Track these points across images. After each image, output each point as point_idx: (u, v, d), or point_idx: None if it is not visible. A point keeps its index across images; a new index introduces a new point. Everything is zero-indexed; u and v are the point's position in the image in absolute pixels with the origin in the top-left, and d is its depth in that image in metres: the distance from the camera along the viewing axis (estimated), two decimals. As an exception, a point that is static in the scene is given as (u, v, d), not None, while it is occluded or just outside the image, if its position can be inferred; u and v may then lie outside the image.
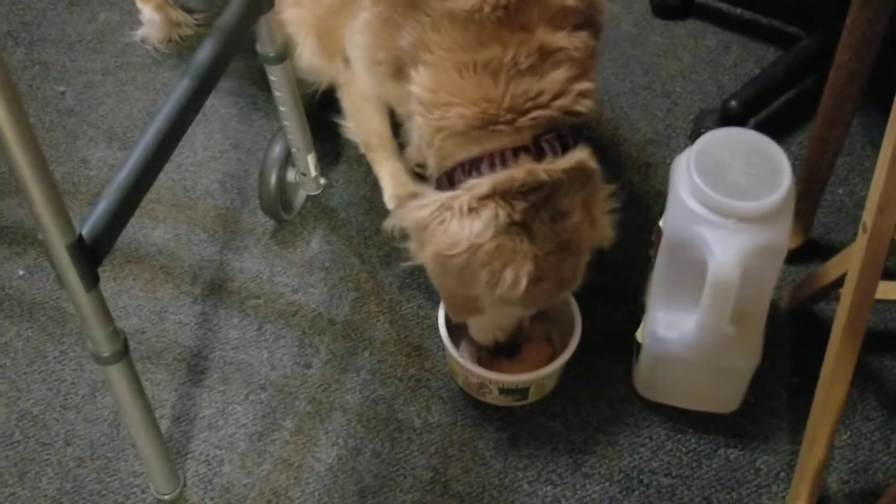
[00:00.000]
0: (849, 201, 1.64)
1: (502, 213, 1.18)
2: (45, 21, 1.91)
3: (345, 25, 1.35)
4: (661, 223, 1.34)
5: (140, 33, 1.87)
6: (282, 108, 1.49)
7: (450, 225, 1.19)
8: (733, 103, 1.67)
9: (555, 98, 1.18)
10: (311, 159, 1.58)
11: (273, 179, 1.56)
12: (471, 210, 1.18)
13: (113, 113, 1.78)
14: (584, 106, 1.21)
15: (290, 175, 1.61)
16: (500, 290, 1.21)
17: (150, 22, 1.86)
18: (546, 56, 1.17)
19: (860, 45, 1.30)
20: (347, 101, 1.53)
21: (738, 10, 1.89)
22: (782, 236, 1.24)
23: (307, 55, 1.48)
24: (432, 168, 1.28)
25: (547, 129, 1.20)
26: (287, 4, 1.44)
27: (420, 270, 1.56)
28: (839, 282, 1.33)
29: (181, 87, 1.19)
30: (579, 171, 1.21)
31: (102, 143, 1.74)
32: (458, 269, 1.21)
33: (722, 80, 1.81)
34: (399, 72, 1.25)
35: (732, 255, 1.20)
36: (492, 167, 1.19)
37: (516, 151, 1.19)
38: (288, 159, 1.59)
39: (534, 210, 1.19)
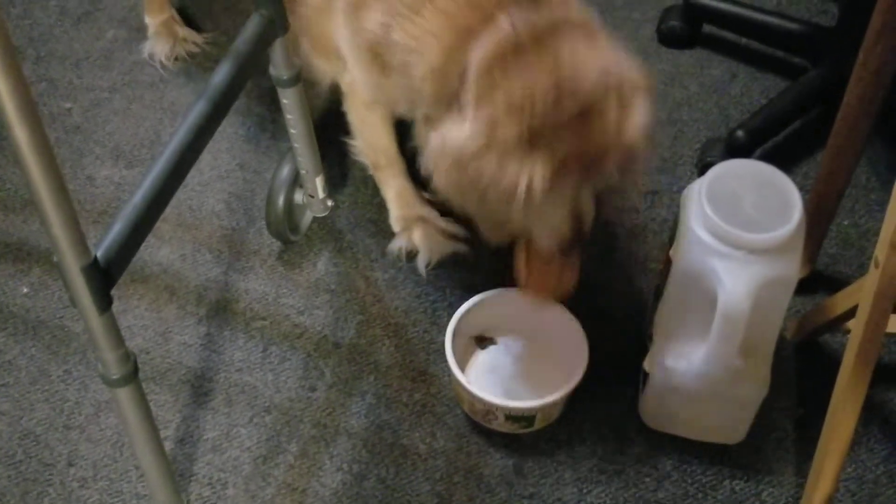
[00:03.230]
0: (854, 233, 1.64)
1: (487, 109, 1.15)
2: (52, 37, 1.91)
3: (331, 27, 1.38)
4: (670, 252, 1.34)
5: (147, 48, 1.87)
6: (292, 131, 1.49)
7: (448, 131, 1.18)
8: (740, 133, 1.68)
9: None
10: (319, 181, 1.58)
11: (281, 201, 1.56)
12: (460, 114, 1.17)
13: (119, 131, 1.78)
14: None
15: (298, 197, 1.61)
16: (521, 202, 1.15)
17: (157, 37, 1.87)
18: None
19: (873, 79, 1.31)
20: (353, 113, 1.55)
21: (744, 41, 1.91)
22: (792, 268, 1.24)
23: (304, 55, 1.49)
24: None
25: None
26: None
27: (426, 294, 1.57)
28: (847, 315, 1.34)
29: (196, 110, 1.19)
30: (558, 23, 1.18)
31: (109, 161, 1.74)
32: (469, 185, 1.18)
33: (727, 109, 1.82)
34: (377, 57, 1.28)
35: (743, 286, 1.20)
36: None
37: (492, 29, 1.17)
38: (296, 181, 1.59)
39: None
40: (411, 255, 1.59)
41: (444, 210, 1.54)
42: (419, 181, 1.53)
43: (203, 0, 1.97)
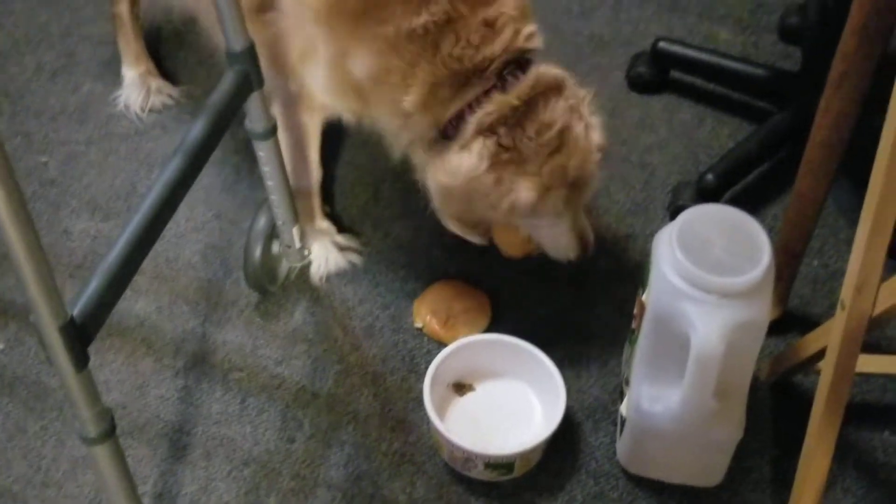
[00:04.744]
0: (824, 273, 1.67)
1: (489, 143, 1.36)
2: (28, 92, 1.92)
3: (307, 68, 1.45)
4: (643, 297, 1.36)
5: (122, 100, 1.89)
6: (268, 182, 1.50)
7: (448, 159, 1.38)
8: (710, 177, 1.71)
9: (507, 48, 1.36)
10: (295, 231, 1.59)
11: (258, 252, 1.57)
12: (461, 148, 1.37)
13: (96, 184, 1.79)
14: (533, 44, 1.39)
15: (275, 247, 1.62)
16: (511, 211, 1.38)
17: (132, 89, 1.88)
18: (491, 24, 1.35)
19: (835, 123, 1.34)
20: (296, 119, 1.58)
21: (711, 85, 1.94)
22: (763, 311, 1.26)
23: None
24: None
25: (507, 65, 1.37)
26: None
27: (404, 342, 1.58)
28: (818, 355, 1.36)
29: (172, 165, 1.20)
30: (544, 83, 1.38)
31: (85, 214, 1.74)
32: (461, 195, 1.40)
33: (696, 152, 1.85)
34: (361, 93, 1.41)
35: (716, 330, 1.22)
36: (471, 113, 1.36)
37: (487, 92, 1.36)
38: (273, 231, 1.60)
39: (519, 130, 1.36)
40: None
41: (341, 225, 1.70)
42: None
43: (178, 52, 1.99)
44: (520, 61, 1.38)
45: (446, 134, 1.39)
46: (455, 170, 1.38)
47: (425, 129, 1.41)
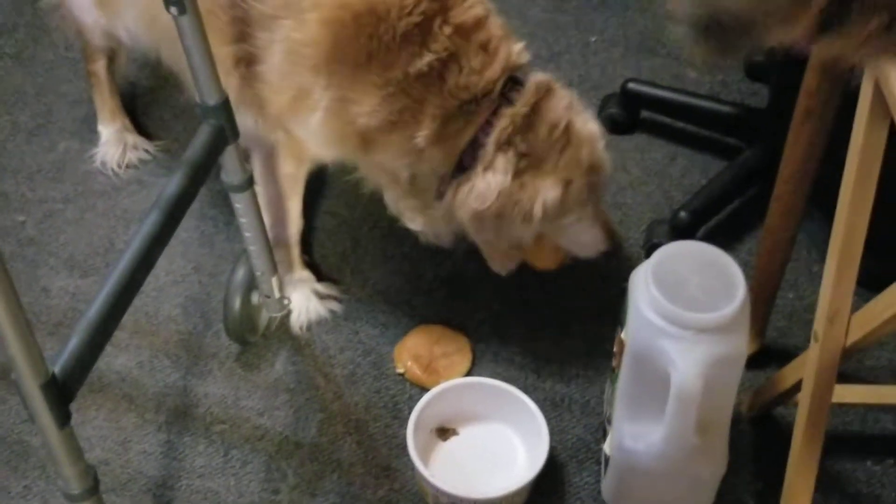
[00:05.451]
0: (799, 305, 1.69)
1: (510, 155, 1.42)
2: (4, 152, 1.93)
3: (298, 118, 1.46)
4: (622, 335, 1.37)
5: (98, 157, 1.90)
6: (246, 234, 1.51)
7: (475, 184, 1.42)
8: (683, 214, 1.73)
9: (505, 67, 1.43)
10: (274, 281, 1.60)
11: (237, 303, 1.57)
12: (485, 170, 1.42)
13: (73, 241, 1.79)
14: (525, 58, 1.47)
15: (254, 298, 1.62)
16: (543, 215, 1.44)
17: (108, 145, 1.89)
18: (485, 48, 1.42)
19: (802, 158, 1.37)
20: (285, 172, 1.59)
21: (681, 124, 1.98)
22: (741, 345, 1.27)
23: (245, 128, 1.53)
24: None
25: (507, 83, 1.44)
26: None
27: (386, 388, 1.58)
28: (796, 388, 1.37)
29: (149, 220, 1.21)
30: (542, 88, 1.45)
31: (64, 272, 1.74)
32: (493, 218, 1.44)
33: (669, 191, 1.88)
34: (364, 138, 1.43)
35: (694, 366, 1.23)
36: (487, 135, 1.42)
37: (495, 111, 1.42)
38: (252, 282, 1.60)
39: (531, 136, 1.43)
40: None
41: (321, 273, 1.71)
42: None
43: (153, 108, 2.01)
44: (516, 77, 1.44)
45: (463, 164, 1.44)
46: (485, 191, 1.42)
47: (438, 164, 1.45)
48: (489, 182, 1.42)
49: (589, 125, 1.49)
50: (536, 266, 1.61)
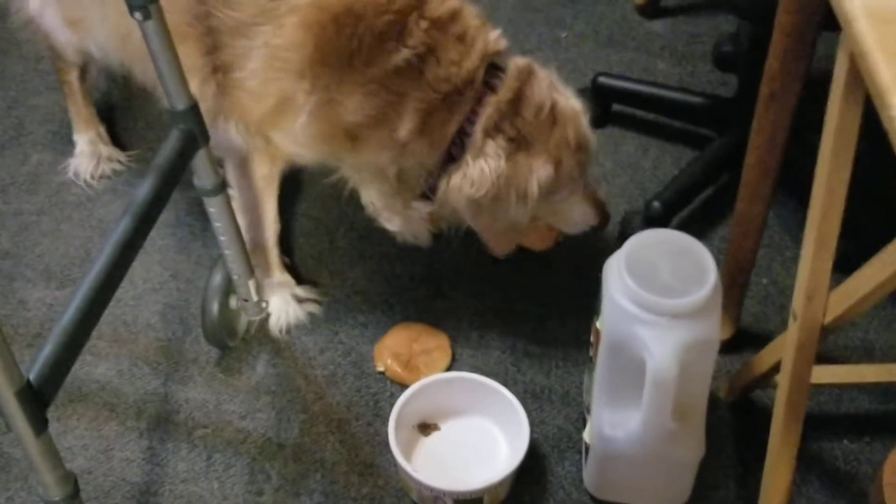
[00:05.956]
0: (773, 290, 1.71)
1: (500, 140, 1.44)
2: (-24, 166, 1.93)
3: (282, 123, 1.46)
4: (598, 324, 1.38)
5: (72, 168, 1.90)
6: (221, 238, 1.51)
7: (467, 172, 1.44)
8: (656, 204, 1.75)
9: (483, 56, 1.44)
10: (251, 285, 1.60)
11: (215, 308, 1.57)
12: (476, 157, 1.44)
13: (49, 252, 1.79)
14: (502, 45, 1.49)
15: (232, 302, 1.63)
16: (539, 193, 1.46)
17: (82, 156, 1.89)
18: (462, 40, 1.43)
19: (767, 144, 1.38)
20: (259, 176, 1.60)
21: (653, 116, 1.99)
22: (714, 329, 1.28)
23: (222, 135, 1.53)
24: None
25: (488, 71, 1.46)
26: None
27: (367, 387, 1.59)
28: (774, 369, 1.38)
29: (122, 226, 1.21)
30: (523, 72, 1.47)
31: (40, 284, 1.74)
32: (490, 201, 1.46)
33: (643, 182, 1.89)
34: (350, 135, 1.44)
35: (669, 351, 1.24)
36: (473, 123, 1.44)
37: (480, 100, 1.44)
38: (229, 286, 1.61)
39: (519, 119, 1.45)
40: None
41: (299, 276, 1.71)
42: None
43: (127, 118, 2.01)
44: (496, 63, 1.46)
45: (451, 155, 1.46)
46: (480, 177, 1.44)
47: (425, 157, 1.46)
48: (482, 168, 1.44)
49: (571, 102, 1.51)
50: (532, 247, 1.63)
